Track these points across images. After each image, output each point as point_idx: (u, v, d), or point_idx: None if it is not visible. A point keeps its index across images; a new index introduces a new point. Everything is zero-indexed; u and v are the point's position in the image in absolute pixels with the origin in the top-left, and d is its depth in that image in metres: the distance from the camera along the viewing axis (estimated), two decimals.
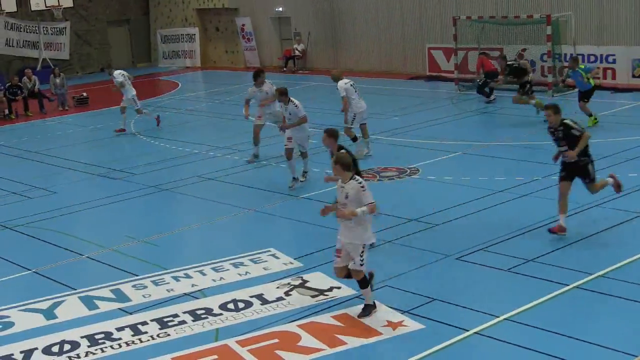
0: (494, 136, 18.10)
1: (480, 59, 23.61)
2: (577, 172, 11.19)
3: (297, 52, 32.84)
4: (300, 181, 15.02)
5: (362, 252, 8.95)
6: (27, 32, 35.15)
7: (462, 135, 18.30)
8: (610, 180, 11.74)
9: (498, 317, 8.75)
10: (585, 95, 18.47)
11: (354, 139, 16.52)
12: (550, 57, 23.00)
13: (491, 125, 20.08)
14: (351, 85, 16.69)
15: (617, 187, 11.74)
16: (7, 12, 34.07)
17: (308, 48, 32.87)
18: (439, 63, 27.66)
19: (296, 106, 14.94)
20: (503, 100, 22.58)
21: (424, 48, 28.37)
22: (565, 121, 11.13)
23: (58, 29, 35.90)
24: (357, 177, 9.00)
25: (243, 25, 35.23)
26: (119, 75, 22.28)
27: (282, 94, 15.06)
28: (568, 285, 9.45)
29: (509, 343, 8.19)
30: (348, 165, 8.98)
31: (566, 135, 11.10)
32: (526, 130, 18.31)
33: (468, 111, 21.51)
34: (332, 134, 11.36)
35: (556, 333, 8.29)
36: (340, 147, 10.50)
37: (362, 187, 8.89)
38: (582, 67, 18.87)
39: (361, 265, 8.94)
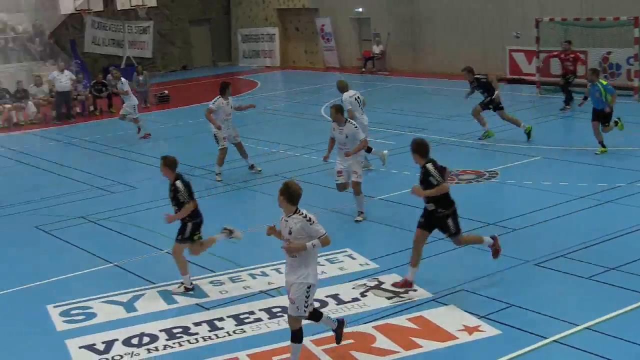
0: (576, 141, 17.70)
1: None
2: (436, 223, 10.03)
3: (375, 53, 32.77)
4: (357, 220, 13.21)
5: (307, 295, 7.94)
6: (112, 30, 36.03)
7: (543, 139, 17.97)
8: (488, 241, 10.29)
9: (578, 325, 8.56)
10: (599, 116, 16.08)
11: (369, 150, 15.60)
12: (637, 60, 22.35)
13: (573, 129, 19.66)
14: (355, 98, 15.97)
15: (495, 252, 10.30)
16: (94, 12, 34.99)
17: (387, 49, 32.77)
18: (520, 65, 27.20)
19: (356, 127, 13.26)
20: (586, 104, 22.05)
21: (504, 50, 27.94)
22: (427, 165, 9.80)
23: (142, 28, 36.69)
24: (302, 210, 8.23)
25: (323, 25, 35.36)
26: (125, 84, 22.75)
27: (338, 112, 13.24)
28: None
29: (589, 353, 8.01)
30: (294, 198, 8.18)
31: (424, 180, 9.87)
32: (609, 135, 17.84)
33: (549, 115, 21.11)
34: (167, 164, 10.63)
35: (638, 344, 8.06)
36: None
37: (309, 220, 8.10)
38: (604, 82, 16.40)
39: (305, 310, 7.94)
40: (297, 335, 8.05)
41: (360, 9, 33.84)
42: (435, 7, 30.53)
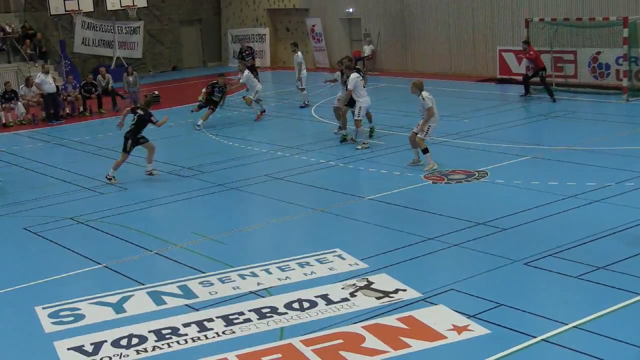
0: (565, 140, 17.75)
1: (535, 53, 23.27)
2: None
3: (365, 54, 32.79)
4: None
5: None
6: (102, 31, 35.95)
7: (532, 138, 18.02)
8: None
9: (567, 324, 8.58)
10: None
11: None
12: (626, 60, 22.43)
13: (562, 129, 19.70)
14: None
15: None
16: (84, 12, 34.91)
17: (378, 49, 32.79)
18: (510, 65, 27.26)
19: (424, 99, 15.69)
20: (575, 104, 22.16)
21: (495, 50, 28.01)
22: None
23: (132, 29, 36.62)
24: None
25: (313, 25, 35.37)
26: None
27: (418, 86, 15.83)
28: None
29: (578, 351, 8.02)
30: None
31: None
32: (598, 135, 17.92)
33: (539, 114, 21.16)
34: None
35: (627, 343, 8.08)
36: None
37: None
38: None
39: None
40: None
41: (351, 9, 33.87)
42: (426, 7, 30.58)
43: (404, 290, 9.89)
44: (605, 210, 12.48)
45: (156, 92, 29.27)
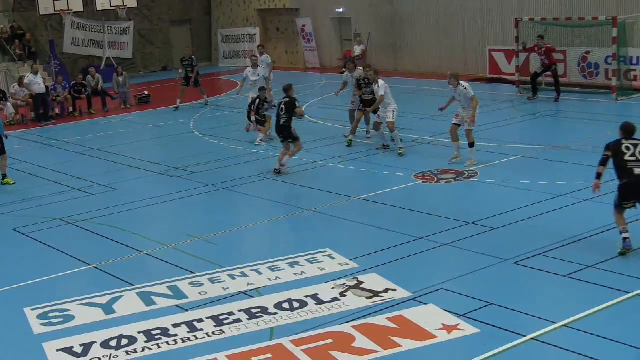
0: (555, 140, 17.81)
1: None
2: None
3: (355, 54, 32.78)
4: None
5: None
6: (92, 31, 35.81)
7: (523, 138, 18.06)
8: None
9: (556, 323, 8.60)
10: None
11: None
12: (615, 60, 22.50)
13: (552, 128, 19.75)
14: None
15: None
16: (73, 12, 34.78)
17: (368, 49, 32.80)
18: (500, 65, 27.31)
19: (465, 88, 15.93)
20: (565, 103, 22.22)
21: (484, 50, 28.06)
22: None
23: (122, 29, 36.51)
24: None
25: (304, 25, 35.36)
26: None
27: (455, 77, 16.13)
28: (629, 293, 9.25)
29: (567, 350, 8.05)
30: None
31: None
32: (587, 135, 17.96)
33: (529, 114, 21.21)
34: None
35: (616, 341, 8.12)
36: None
37: None
38: None
39: None
40: None
41: (341, 9, 33.87)
42: (416, 7, 30.60)
43: (394, 289, 9.90)
44: (595, 209, 12.51)
45: (146, 93, 29.25)
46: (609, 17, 22.56)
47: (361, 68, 19.54)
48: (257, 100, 20.04)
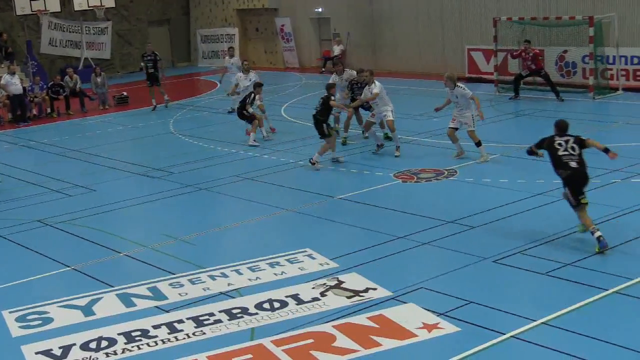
0: (533, 139, 17.77)
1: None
2: None
3: (334, 53, 32.82)
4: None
5: None
6: (69, 31, 35.59)
7: (501, 137, 18.13)
8: None
9: (535, 321, 8.65)
10: None
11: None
12: (592, 59, 22.67)
13: (530, 127, 19.85)
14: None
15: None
16: (51, 12, 34.55)
17: (347, 49, 32.83)
18: (479, 64, 27.44)
19: (463, 89, 16.07)
20: (543, 102, 22.35)
21: (463, 49, 28.18)
22: None
23: (100, 29, 36.32)
24: None
25: (282, 25, 35.33)
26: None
27: (451, 79, 16.28)
28: (608, 290, 9.32)
29: (546, 347, 8.10)
30: None
31: None
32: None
33: (507, 113, 21.32)
34: None
35: (595, 338, 8.18)
36: None
37: None
38: None
39: None
40: None
41: (320, 9, 33.88)
42: (395, 7, 30.66)
43: (375, 289, 9.92)
44: None
45: (125, 93, 29.11)
46: (586, 16, 22.72)
47: (351, 70, 19.38)
48: (253, 95, 19.87)
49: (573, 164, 11.05)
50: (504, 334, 8.41)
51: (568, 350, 7.98)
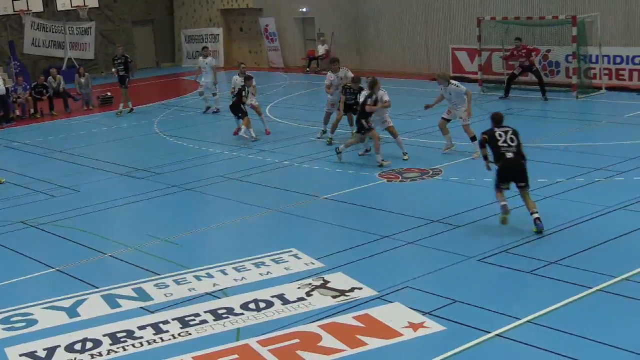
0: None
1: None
2: None
3: (319, 53, 32.85)
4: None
5: None
6: (53, 32, 35.43)
7: None
8: None
9: (520, 319, 8.69)
10: None
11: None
12: (575, 58, 22.80)
13: (514, 126, 19.91)
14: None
15: None
16: (33, 12, 34.36)
17: (331, 49, 32.85)
18: (463, 64, 27.54)
19: (457, 86, 16.29)
20: (526, 101, 22.45)
21: (447, 49, 28.27)
22: None
23: (83, 29, 36.17)
24: None
25: (267, 25, 35.30)
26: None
27: (444, 77, 16.61)
28: (592, 288, 9.38)
29: (531, 345, 8.14)
30: None
31: None
32: (549, 132, 18.20)
33: (491, 112, 21.32)
34: None
35: (579, 336, 8.22)
36: None
37: None
38: None
39: None
40: None
41: (305, 9, 33.88)
42: (380, 7, 30.72)
43: (360, 288, 9.93)
44: (557, 205, 12.67)
45: (109, 94, 28.99)
46: (569, 16, 22.84)
47: (347, 70, 19.08)
48: (247, 89, 19.85)
49: (509, 155, 11.84)
50: (489, 333, 8.44)
51: (553, 348, 8.02)
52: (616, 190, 13.24)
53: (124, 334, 9.20)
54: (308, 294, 9.93)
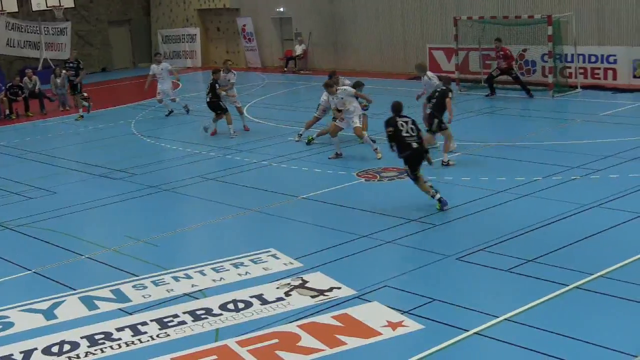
0: (494, 137, 18.07)
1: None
2: None
3: (296, 53, 32.84)
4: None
5: None
6: (28, 32, 35.14)
7: (463, 135, 18.24)
8: None
9: (498, 317, 8.74)
10: None
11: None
12: (551, 57, 22.97)
13: (491, 125, 20.08)
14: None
15: None
16: (8, 12, 34.06)
17: (309, 48, 32.87)
18: (440, 63, 27.63)
19: (429, 78, 17.07)
20: (503, 100, 22.59)
21: (424, 48, 28.36)
22: None
23: (59, 29, 35.90)
24: None
25: (244, 25, 35.24)
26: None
27: (420, 67, 17.55)
28: (568, 285, 9.44)
29: (509, 343, 8.18)
30: None
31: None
32: (526, 131, 18.31)
33: (469, 112, 21.47)
34: None
35: (556, 333, 8.28)
36: None
37: None
38: None
39: None
40: None
41: (282, 9, 33.86)
42: (356, 6, 30.77)
43: (339, 288, 9.94)
44: (534, 204, 12.76)
45: (85, 94, 28.79)
46: (544, 15, 23.01)
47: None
48: (214, 82, 20.03)
49: (414, 145, 12.65)
50: (468, 331, 8.48)
51: (531, 345, 8.07)
52: (592, 189, 13.35)
53: (102, 336, 9.15)
54: (287, 294, 9.92)
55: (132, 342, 8.94)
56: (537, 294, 9.26)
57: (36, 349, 8.95)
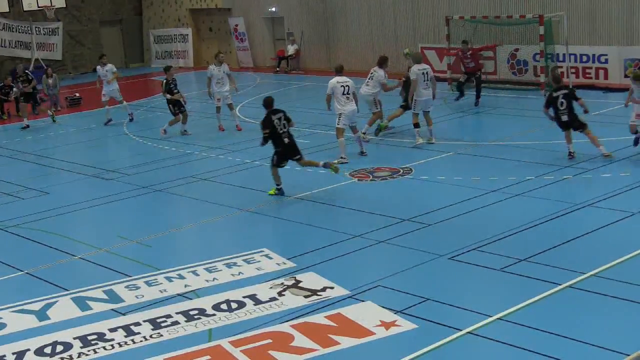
0: (486, 136, 18.12)
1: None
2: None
3: (288, 53, 32.83)
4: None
5: None
6: (19, 32, 35.04)
7: (455, 135, 18.32)
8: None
9: (491, 316, 8.76)
10: None
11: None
12: (543, 57, 23.03)
13: (484, 125, 20.11)
14: (423, 73, 17.48)
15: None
16: None
17: (301, 48, 32.86)
18: (432, 63, 27.61)
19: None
20: (496, 100, 22.63)
21: (416, 48, 28.36)
22: None
23: (50, 30, 35.81)
24: None
25: (236, 25, 35.22)
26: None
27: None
28: (561, 284, 9.47)
29: (502, 342, 8.21)
30: None
31: None
32: (518, 130, 18.35)
33: (460, 111, 21.52)
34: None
35: (549, 332, 8.30)
36: None
37: None
38: None
39: None
40: None
41: (274, 9, 33.85)
42: (348, 6, 30.77)
43: (332, 288, 9.94)
44: (526, 203, 12.79)
45: (77, 95, 28.74)
46: (536, 15, 23.07)
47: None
48: (166, 81, 20.31)
49: (286, 140, 13.85)
50: (461, 330, 8.49)
51: (524, 345, 8.09)
52: (584, 188, 13.39)
53: (95, 336, 9.14)
54: (280, 294, 9.93)
55: (125, 343, 8.93)
56: (529, 293, 9.28)
57: (29, 349, 8.94)
